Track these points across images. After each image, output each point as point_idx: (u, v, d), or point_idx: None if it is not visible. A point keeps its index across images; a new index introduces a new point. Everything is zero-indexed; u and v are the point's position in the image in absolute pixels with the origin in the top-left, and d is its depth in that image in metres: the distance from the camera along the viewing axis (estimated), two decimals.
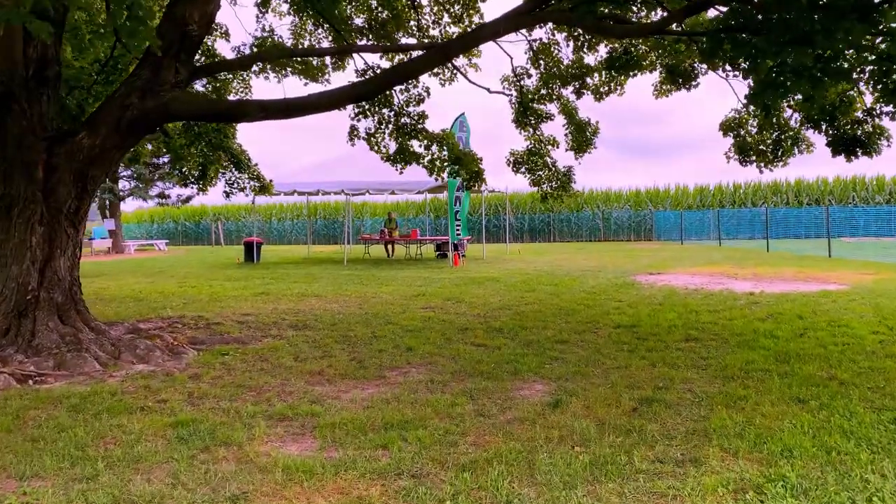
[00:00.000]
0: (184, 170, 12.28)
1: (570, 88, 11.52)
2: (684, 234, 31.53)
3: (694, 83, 10.31)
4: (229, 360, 6.45)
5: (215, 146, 11.19)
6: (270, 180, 12.42)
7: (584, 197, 36.43)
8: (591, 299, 10.60)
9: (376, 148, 10.54)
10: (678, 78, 10.26)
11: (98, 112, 6.88)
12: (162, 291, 12.34)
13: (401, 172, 10.34)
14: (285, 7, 11.20)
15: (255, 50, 9.11)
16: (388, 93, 10.38)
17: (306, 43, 11.14)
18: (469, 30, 10.44)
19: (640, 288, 12.24)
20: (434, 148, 10.24)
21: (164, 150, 12.25)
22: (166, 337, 7.34)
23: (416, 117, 10.16)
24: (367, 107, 10.40)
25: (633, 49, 9.93)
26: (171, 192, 29.23)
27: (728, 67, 10.17)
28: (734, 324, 8.10)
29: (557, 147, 11.95)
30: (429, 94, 10.98)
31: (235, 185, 12.12)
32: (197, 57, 8.57)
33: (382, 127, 10.46)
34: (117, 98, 6.81)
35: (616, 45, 10.42)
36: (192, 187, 12.23)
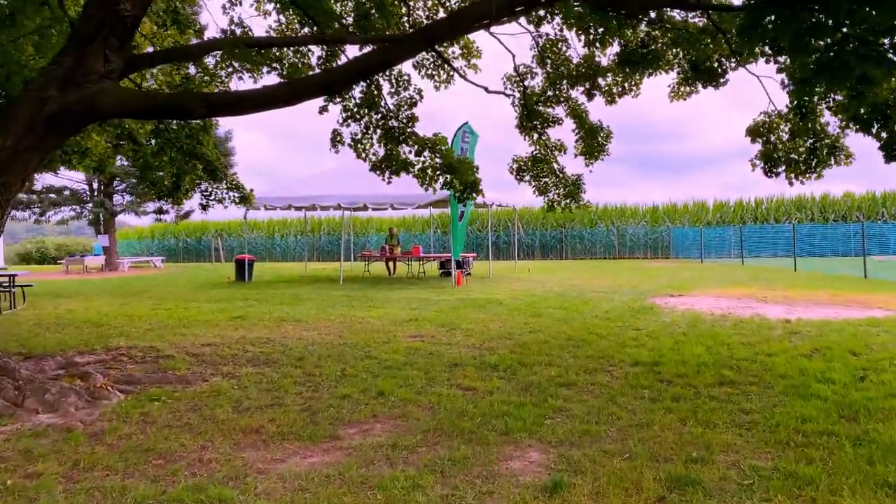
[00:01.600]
0: (155, 182, 11.21)
1: (580, 89, 10.29)
2: (704, 251, 30.07)
3: (722, 80, 9.05)
4: (155, 409, 5.23)
5: (188, 153, 10.06)
6: (251, 190, 11.27)
7: (598, 212, 35.08)
8: (605, 327, 9.30)
9: (364, 155, 9.36)
10: (702, 75, 9.01)
11: (9, 107, 5.75)
12: (130, 315, 11.19)
13: (388, 182, 9.13)
14: (270, 6, 10.13)
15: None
16: (375, 94, 9.23)
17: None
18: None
19: (659, 313, 10.92)
20: (426, 154, 9.04)
21: (133, 158, 11.15)
22: (96, 377, 6.14)
23: (405, 120, 8.98)
24: (354, 110, 9.26)
25: (651, 42, 8.70)
26: (169, 208, 28.28)
27: (762, 59, 8.92)
28: (775, 361, 6.77)
29: (565, 152, 10.73)
30: (421, 96, 9.82)
31: (213, 197, 10.96)
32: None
33: (370, 132, 9.28)
34: (33, 90, 5.69)
35: (631, 39, 9.21)
36: (164, 202, 11.09)
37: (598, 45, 9.73)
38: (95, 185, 25.64)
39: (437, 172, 8.97)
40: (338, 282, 17.80)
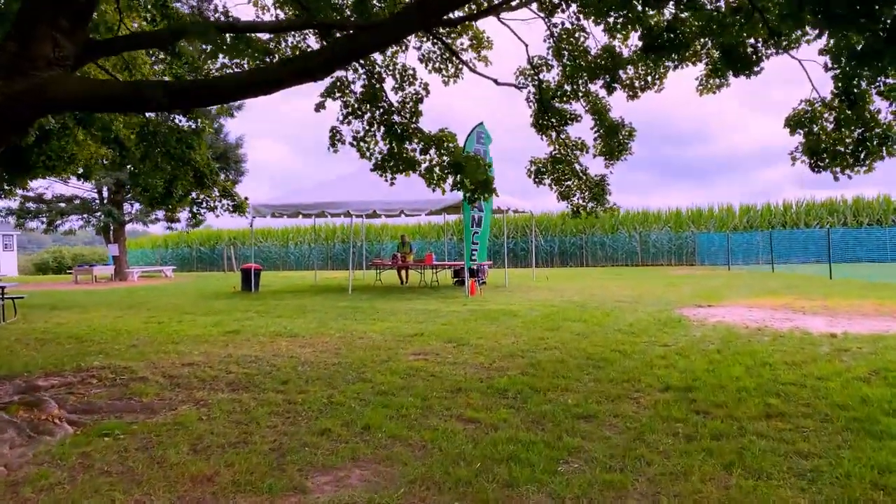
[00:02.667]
0: (147, 188, 10.56)
1: (600, 83, 9.43)
2: (731, 258, 28.89)
3: (756, 69, 8.13)
4: (100, 448, 4.46)
5: (177, 158, 9.37)
6: (245, 198, 10.55)
7: (619, 217, 34.00)
8: (629, 343, 8.41)
9: (367, 155, 8.60)
10: (735, 62, 8.10)
11: None
12: (119, 329, 10.51)
13: (391, 183, 8.35)
14: (269, 1, 9.43)
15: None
16: (377, 88, 8.48)
17: (290, 41, 9.33)
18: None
19: (689, 326, 9.99)
20: (432, 152, 8.25)
21: (120, 164, 10.52)
22: (49, 405, 5.41)
23: (408, 115, 8.20)
24: (355, 106, 8.51)
25: (678, 25, 7.83)
26: (181, 216, 27.81)
27: (804, 40, 8.04)
28: (829, 387, 5.85)
29: (586, 152, 9.87)
30: (427, 91, 9.06)
31: (203, 205, 10.26)
32: None
33: (373, 129, 8.52)
34: None
35: (656, 25, 8.34)
36: (159, 210, 10.42)
37: (618, 33, 8.88)
38: (105, 194, 25.22)
39: (446, 171, 8.18)
40: (347, 291, 17.04)
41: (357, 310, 12.61)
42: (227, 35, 6.64)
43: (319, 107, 8.31)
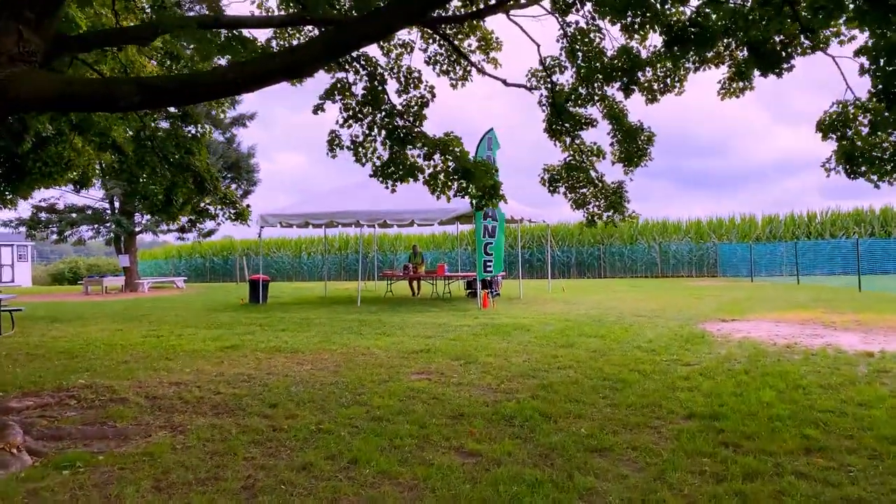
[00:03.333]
0: (147, 196, 10.19)
1: (616, 85, 8.90)
2: (754, 269, 28.07)
3: (786, 66, 7.57)
4: (54, 483, 4.00)
5: (175, 164, 9.00)
6: (248, 206, 10.13)
7: (638, 228, 33.25)
8: (649, 362, 7.83)
9: (364, 160, 8.16)
10: (762, 60, 7.54)
11: None
12: (114, 343, 10.11)
13: (392, 191, 7.89)
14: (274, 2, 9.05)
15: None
16: (379, 91, 8.03)
17: (294, 42, 8.92)
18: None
19: (712, 343, 9.38)
20: (437, 158, 7.78)
21: (120, 170, 10.13)
22: (13, 432, 4.96)
23: (411, 118, 7.74)
24: (356, 109, 8.07)
25: (702, 19, 7.29)
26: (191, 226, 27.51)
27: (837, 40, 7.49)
28: (873, 416, 5.24)
29: (603, 158, 9.34)
30: (433, 94, 8.62)
31: (205, 213, 9.85)
32: None
33: (373, 133, 8.06)
34: None
35: (677, 23, 7.82)
36: (159, 218, 10.04)
37: (636, 33, 8.37)
38: (117, 204, 25.04)
39: (452, 178, 7.69)
40: (356, 303, 16.57)
41: (364, 323, 12.12)
42: (223, 34, 6.24)
43: (318, 108, 7.87)
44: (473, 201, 8.19)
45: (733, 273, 30.48)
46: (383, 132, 7.90)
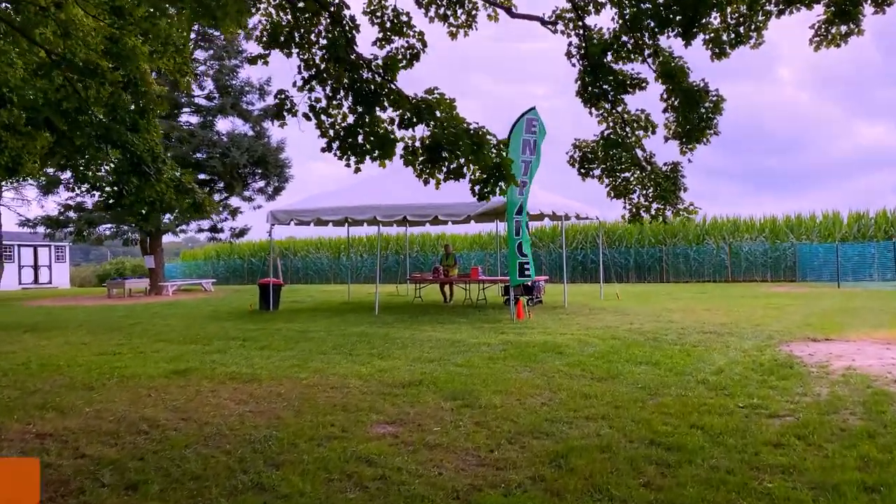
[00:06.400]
0: (98, 186, 8.49)
1: (673, 32, 6.61)
2: (841, 273, 24.73)
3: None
4: None
5: (109, 141, 7.21)
6: (206, 195, 8.30)
7: (706, 227, 30.14)
8: (719, 409, 5.53)
9: (330, 132, 6.12)
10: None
11: None
12: (53, 364, 8.43)
13: (356, 170, 5.82)
14: None
15: None
16: (344, 38, 5.98)
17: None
18: None
19: (805, 376, 6.95)
20: (423, 129, 5.67)
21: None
22: None
23: (379, 68, 5.68)
24: (321, 67, 6.04)
25: None
26: (224, 226, 26.27)
27: None
28: None
29: (653, 132, 7.07)
30: (424, 45, 6.57)
31: (156, 205, 8.04)
32: None
33: (339, 97, 6.02)
34: None
35: None
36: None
37: None
38: None
39: (434, 154, 5.57)
40: (374, 311, 14.58)
41: (364, 339, 10.10)
42: None
43: (260, 59, 5.85)
44: (476, 187, 6.07)
45: (815, 277, 27.12)
46: (350, 95, 5.85)
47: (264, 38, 5.82)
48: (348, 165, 5.81)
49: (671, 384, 6.63)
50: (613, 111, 6.98)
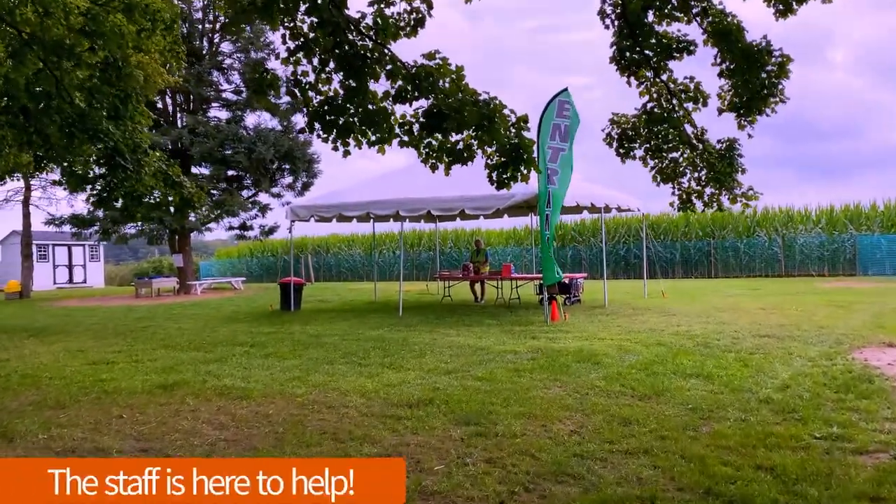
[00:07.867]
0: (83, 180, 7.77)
1: None
2: None
3: None
4: None
5: (76, 126, 6.46)
6: (199, 187, 7.52)
7: (756, 217, 28.40)
8: (790, 441, 4.47)
9: (310, 102, 5.22)
10: None
11: None
12: (38, 375, 7.77)
13: (345, 154, 4.89)
14: None
15: None
16: (339, 11, 5.07)
17: None
18: None
19: (889, 394, 5.79)
20: (423, 101, 4.73)
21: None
22: None
23: (370, 30, 4.76)
24: (311, 36, 5.13)
25: None
26: (253, 223, 25.73)
27: None
28: None
29: (705, 104, 5.99)
30: (430, 7, 5.59)
31: (137, 200, 7.28)
32: None
33: (328, 70, 5.11)
34: None
35: None
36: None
37: None
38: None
39: (440, 125, 4.62)
40: (398, 311, 13.68)
41: (379, 345, 9.21)
42: None
43: (232, 26, 5.00)
44: (492, 172, 5.11)
45: (877, 271, 25.25)
46: (337, 64, 4.93)
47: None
48: (336, 149, 4.90)
49: (728, 404, 5.55)
50: (657, 80, 5.92)
